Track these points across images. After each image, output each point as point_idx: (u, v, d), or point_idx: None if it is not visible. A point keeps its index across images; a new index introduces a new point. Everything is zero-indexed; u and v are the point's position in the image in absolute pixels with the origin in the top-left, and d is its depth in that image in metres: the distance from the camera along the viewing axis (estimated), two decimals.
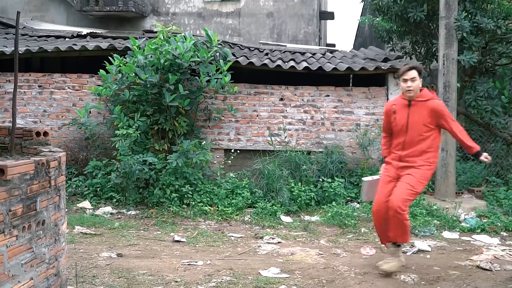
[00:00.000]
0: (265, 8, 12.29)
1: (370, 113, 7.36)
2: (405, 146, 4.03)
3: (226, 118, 7.43)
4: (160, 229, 5.55)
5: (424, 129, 3.96)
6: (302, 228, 5.67)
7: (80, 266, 4.07)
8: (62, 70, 9.00)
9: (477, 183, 7.38)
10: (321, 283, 3.85)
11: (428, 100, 3.99)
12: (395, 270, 4.03)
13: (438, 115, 3.97)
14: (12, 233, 2.24)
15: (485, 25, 6.74)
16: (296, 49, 9.17)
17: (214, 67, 6.66)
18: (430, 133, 3.99)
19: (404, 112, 4.03)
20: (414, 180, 3.93)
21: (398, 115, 4.06)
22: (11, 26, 10.72)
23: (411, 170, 3.98)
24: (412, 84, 3.95)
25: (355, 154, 7.31)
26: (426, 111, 3.95)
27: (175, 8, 12.64)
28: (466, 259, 4.58)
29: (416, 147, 3.98)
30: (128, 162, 6.16)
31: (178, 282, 3.78)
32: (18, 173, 2.28)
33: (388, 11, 7.50)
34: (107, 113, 7.36)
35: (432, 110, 3.95)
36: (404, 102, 4.06)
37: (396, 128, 4.08)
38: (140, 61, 6.52)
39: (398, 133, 4.08)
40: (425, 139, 3.98)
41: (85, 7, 12.10)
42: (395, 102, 4.17)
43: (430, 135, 3.99)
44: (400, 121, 4.04)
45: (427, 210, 6.13)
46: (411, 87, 3.96)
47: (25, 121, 7.53)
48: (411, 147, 4.00)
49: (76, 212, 6.10)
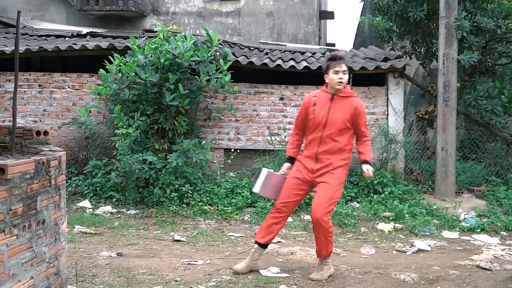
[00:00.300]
0: (265, 7, 12.29)
1: (370, 112, 7.35)
2: (322, 142, 3.82)
3: (226, 117, 7.43)
4: (160, 228, 5.55)
5: (343, 125, 3.80)
6: (302, 228, 5.67)
7: (80, 265, 4.07)
8: (62, 69, 9.00)
9: (477, 183, 7.38)
10: (321, 283, 3.85)
11: (351, 97, 3.87)
12: (327, 277, 3.92)
13: (357, 115, 3.83)
14: (12, 232, 2.24)
15: (485, 25, 6.74)
16: (296, 48, 9.17)
17: (214, 67, 6.66)
18: (348, 131, 3.84)
19: (325, 106, 3.83)
20: (332, 189, 3.76)
21: (318, 108, 3.84)
22: (11, 25, 10.73)
23: (326, 177, 3.80)
24: (343, 76, 3.81)
25: (355, 153, 7.29)
26: (348, 108, 3.81)
27: (175, 7, 12.64)
28: (466, 259, 4.59)
29: (333, 144, 3.81)
30: (128, 161, 6.16)
31: (178, 282, 3.78)
32: (18, 172, 2.28)
33: (388, 10, 7.50)
34: (107, 112, 7.36)
35: (355, 109, 3.81)
36: (326, 96, 3.87)
37: (314, 122, 3.85)
38: (140, 61, 6.52)
39: (315, 128, 3.85)
40: (343, 137, 3.82)
41: (85, 7, 12.10)
42: (316, 94, 3.96)
43: (347, 133, 3.85)
44: (320, 115, 3.82)
45: (427, 210, 6.13)
46: (342, 79, 3.79)
47: (25, 120, 7.52)
48: (327, 144, 3.81)
49: (76, 211, 6.11)
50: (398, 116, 7.30)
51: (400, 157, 7.23)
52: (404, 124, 7.44)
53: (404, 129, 7.40)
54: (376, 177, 6.77)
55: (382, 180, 6.74)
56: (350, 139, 3.90)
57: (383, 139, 7.07)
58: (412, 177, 7.54)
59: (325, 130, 3.82)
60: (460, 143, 8.02)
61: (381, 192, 6.60)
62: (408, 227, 5.65)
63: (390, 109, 7.33)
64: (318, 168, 3.84)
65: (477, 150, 7.94)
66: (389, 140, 7.03)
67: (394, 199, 6.36)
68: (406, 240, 5.26)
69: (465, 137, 8.17)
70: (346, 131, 3.84)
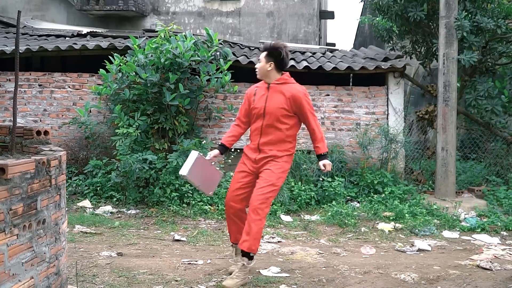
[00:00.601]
0: (265, 7, 12.29)
1: (370, 112, 7.36)
2: (263, 132, 3.75)
3: (226, 117, 7.43)
4: (160, 228, 5.55)
5: (281, 113, 3.70)
6: (302, 227, 5.67)
7: (81, 265, 4.07)
8: (62, 69, 9.01)
9: (477, 183, 7.39)
10: (321, 282, 3.85)
11: (287, 84, 3.77)
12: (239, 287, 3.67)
13: (296, 102, 3.71)
14: (12, 232, 2.24)
15: (485, 25, 6.74)
16: (296, 48, 9.16)
17: (214, 66, 6.66)
18: (288, 120, 3.73)
19: (263, 96, 3.78)
20: (274, 176, 3.67)
21: (257, 98, 3.80)
22: (11, 25, 10.73)
23: (270, 165, 3.71)
24: (257, 65, 3.80)
25: (355, 153, 7.31)
26: (283, 95, 3.71)
27: (175, 7, 12.63)
28: (466, 259, 4.59)
29: (274, 135, 3.73)
30: (128, 161, 6.16)
31: (178, 281, 3.78)
32: (18, 172, 2.28)
33: (388, 10, 7.50)
34: (107, 112, 7.36)
35: (292, 95, 3.70)
36: (264, 85, 3.83)
37: (255, 112, 3.79)
38: (141, 60, 6.53)
39: (256, 118, 3.80)
40: (284, 126, 3.72)
41: (85, 6, 12.10)
42: (258, 85, 3.91)
43: (289, 122, 3.74)
44: (258, 104, 3.77)
45: (427, 210, 6.13)
46: (256, 68, 3.79)
47: (25, 120, 7.53)
48: (269, 135, 3.74)
49: (76, 211, 6.11)
50: (398, 116, 7.31)
51: (400, 157, 7.23)
52: (404, 124, 7.44)
53: (404, 129, 7.40)
54: (376, 176, 6.77)
55: (382, 180, 6.75)
56: (293, 129, 3.79)
57: (383, 139, 7.07)
58: (412, 177, 7.54)
59: (264, 120, 3.74)
60: (460, 143, 8.02)
61: (382, 192, 6.61)
62: (408, 227, 5.65)
63: (390, 109, 7.33)
64: (260, 158, 3.76)
65: (477, 150, 7.95)
66: (389, 140, 7.03)
67: (395, 199, 6.37)
68: (406, 240, 5.26)
69: (465, 137, 8.17)
70: (287, 120, 3.73)
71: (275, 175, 3.69)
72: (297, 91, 3.74)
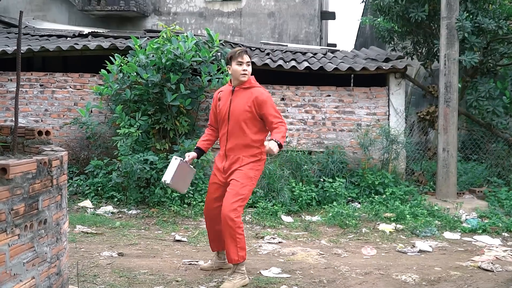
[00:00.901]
0: (266, 8, 12.29)
1: (371, 113, 7.35)
2: (228, 137, 3.75)
3: None
4: (161, 228, 5.55)
5: (245, 116, 3.69)
6: (303, 228, 5.67)
7: (81, 265, 4.08)
8: (63, 69, 9.02)
9: (478, 184, 7.38)
10: (322, 283, 3.85)
11: (252, 88, 3.76)
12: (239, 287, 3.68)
13: (259, 105, 3.68)
14: (14, 232, 2.24)
15: (486, 26, 6.74)
16: (298, 49, 9.17)
17: (216, 67, 6.67)
18: (253, 123, 3.72)
19: (227, 100, 3.77)
20: (239, 185, 3.65)
21: (222, 103, 3.80)
22: (13, 25, 10.74)
23: (234, 175, 3.71)
24: (247, 68, 3.74)
25: (356, 154, 7.31)
26: (248, 98, 3.70)
27: (176, 7, 12.64)
28: (468, 260, 4.58)
29: (239, 139, 3.71)
30: (129, 161, 6.16)
31: (179, 282, 3.78)
32: (20, 172, 2.28)
33: (389, 11, 7.49)
34: (109, 112, 7.36)
35: (256, 98, 3.68)
36: (229, 89, 3.83)
37: (220, 117, 3.81)
38: (142, 61, 6.53)
39: (221, 123, 3.81)
40: (249, 130, 3.70)
41: (87, 7, 12.11)
42: (222, 89, 3.93)
43: (255, 127, 3.73)
44: (223, 109, 3.78)
45: (428, 211, 6.12)
46: (246, 71, 3.72)
47: (26, 120, 7.54)
48: (234, 140, 3.73)
49: (77, 211, 6.11)
50: (399, 117, 7.30)
51: (402, 157, 7.22)
52: (405, 124, 7.44)
53: (406, 129, 7.39)
54: (377, 177, 6.77)
55: (383, 181, 6.74)
56: (259, 134, 3.77)
57: (384, 139, 7.07)
58: (413, 177, 7.53)
59: (229, 125, 3.74)
60: (462, 144, 8.02)
61: (382, 192, 6.61)
62: (409, 228, 5.64)
63: (392, 110, 7.32)
64: (227, 166, 3.77)
65: (478, 151, 7.94)
66: (391, 141, 7.02)
67: (396, 199, 6.36)
68: (407, 241, 5.26)
69: (467, 137, 8.17)
70: (251, 124, 3.72)
71: (239, 183, 3.68)
72: (260, 93, 3.74)
